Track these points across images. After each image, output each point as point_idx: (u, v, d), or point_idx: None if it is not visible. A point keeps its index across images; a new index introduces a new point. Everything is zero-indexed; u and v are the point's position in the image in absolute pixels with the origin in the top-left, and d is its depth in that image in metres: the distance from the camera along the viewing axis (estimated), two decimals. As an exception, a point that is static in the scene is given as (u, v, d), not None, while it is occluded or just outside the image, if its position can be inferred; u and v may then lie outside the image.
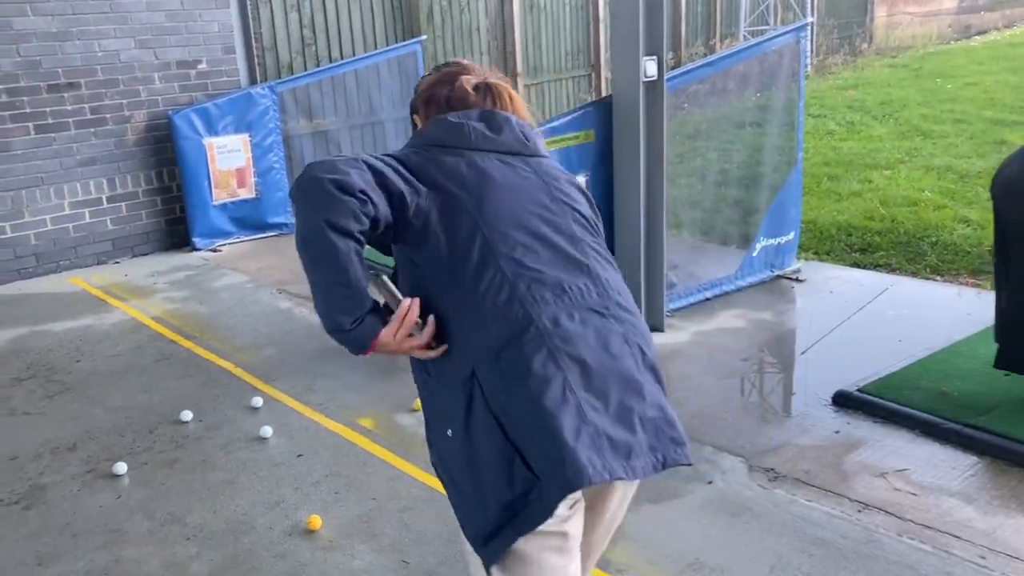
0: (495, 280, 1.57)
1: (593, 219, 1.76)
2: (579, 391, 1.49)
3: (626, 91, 4.11)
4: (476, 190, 1.63)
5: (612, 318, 1.61)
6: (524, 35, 9.91)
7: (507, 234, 1.61)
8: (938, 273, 5.07)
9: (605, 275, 1.66)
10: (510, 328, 1.54)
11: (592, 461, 1.44)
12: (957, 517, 2.72)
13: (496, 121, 1.73)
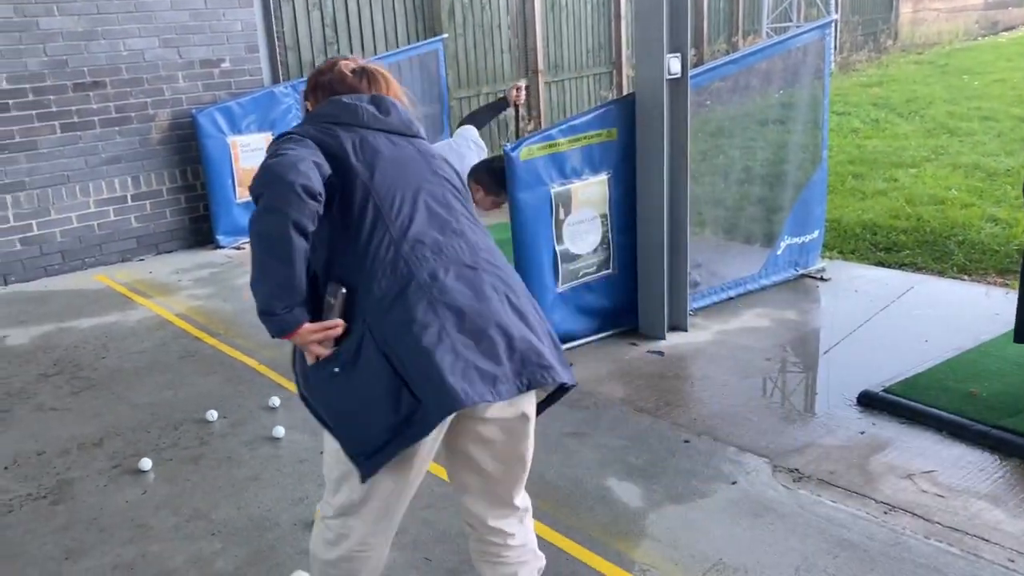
0: (384, 242, 1.84)
1: (463, 190, 2.06)
2: (453, 333, 1.79)
3: (649, 89, 4.09)
4: (368, 163, 1.89)
5: (482, 271, 1.90)
6: (545, 32, 9.89)
7: (393, 202, 1.88)
8: (965, 272, 5.01)
9: (475, 237, 1.95)
10: (397, 283, 1.81)
11: (464, 389, 1.74)
12: (986, 520, 2.69)
13: (385, 104, 1.99)
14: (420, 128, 2.05)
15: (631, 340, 4.35)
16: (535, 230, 4.05)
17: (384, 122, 1.96)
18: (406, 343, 1.77)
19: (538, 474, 3.13)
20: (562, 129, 4.07)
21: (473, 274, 1.88)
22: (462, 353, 1.78)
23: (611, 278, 4.40)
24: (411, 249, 1.84)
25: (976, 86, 10.89)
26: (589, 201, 4.22)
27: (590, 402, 3.70)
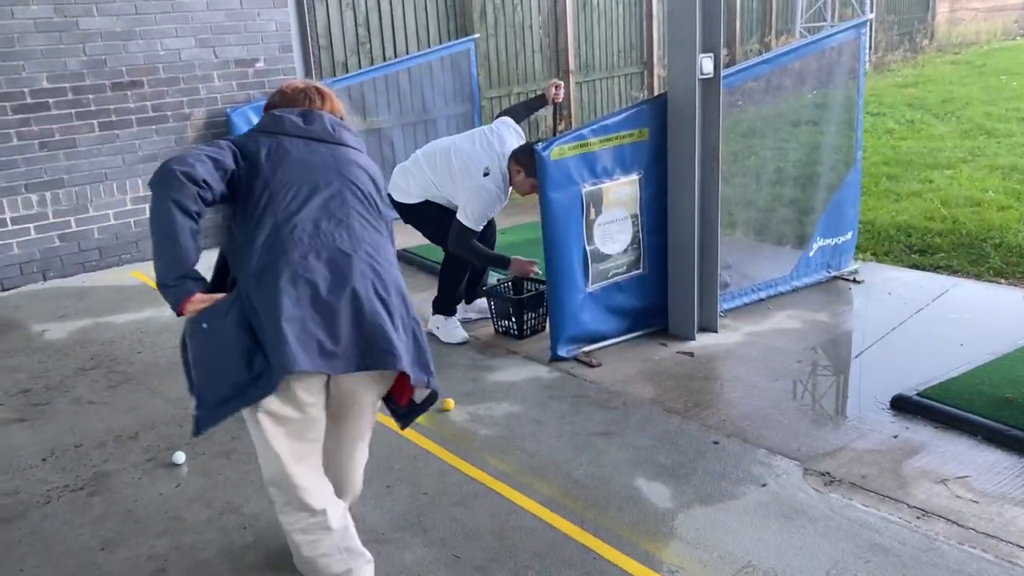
0: (266, 224, 2.16)
1: (373, 197, 2.31)
2: (307, 308, 2.07)
3: (682, 89, 4.07)
4: (275, 161, 2.22)
5: (357, 259, 2.16)
6: (576, 32, 9.87)
7: (287, 194, 2.18)
8: (1002, 276, 4.93)
9: (362, 232, 2.22)
10: (271, 258, 2.11)
11: (300, 356, 2.03)
12: (1021, 526, 2.65)
13: (312, 116, 2.33)
14: (346, 137, 2.36)
15: (661, 340, 4.34)
16: (566, 229, 4.05)
17: (305, 130, 2.30)
18: (265, 310, 2.06)
19: (566, 473, 3.14)
20: (594, 129, 4.07)
21: (345, 260, 2.15)
22: (308, 326, 2.05)
23: (641, 278, 4.39)
24: (290, 232, 2.15)
25: (1015, 87, 10.70)
26: (620, 201, 4.21)
27: (619, 402, 3.69)
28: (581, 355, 4.18)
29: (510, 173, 4.27)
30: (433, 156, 4.43)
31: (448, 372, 4.13)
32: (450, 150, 4.39)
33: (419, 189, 4.44)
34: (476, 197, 4.21)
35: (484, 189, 4.22)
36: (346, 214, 2.22)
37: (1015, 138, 7.97)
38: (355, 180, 2.29)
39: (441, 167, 4.37)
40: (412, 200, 4.47)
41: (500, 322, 4.54)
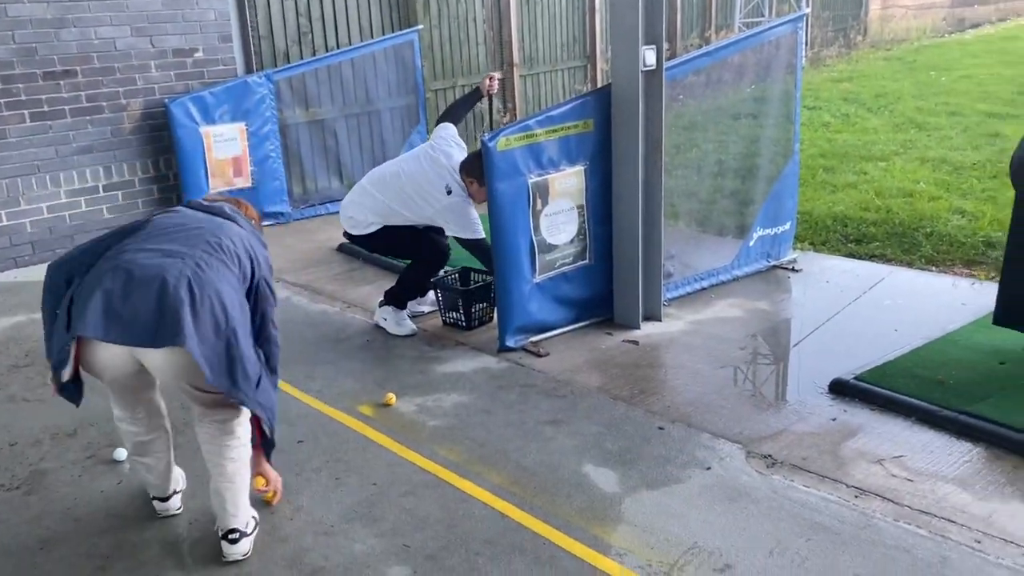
0: (113, 245, 2.61)
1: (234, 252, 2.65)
2: (116, 289, 2.43)
3: (625, 80, 4.12)
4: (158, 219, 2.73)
5: (182, 264, 2.50)
6: (520, 25, 9.89)
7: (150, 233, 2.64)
8: (933, 263, 5.11)
9: (204, 256, 2.56)
10: (105, 259, 2.56)
11: (96, 326, 2.41)
12: (953, 503, 2.76)
13: (216, 205, 2.86)
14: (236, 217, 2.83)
15: (607, 330, 4.39)
16: (512, 220, 4.06)
17: (203, 206, 2.84)
18: (84, 290, 2.48)
19: (515, 461, 3.17)
20: (539, 120, 4.09)
21: (164, 260, 2.50)
22: (113, 304, 2.41)
23: (588, 268, 4.43)
24: (130, 243, 2.58)
25: (943, 82, 11.06)
26: (566, 192, 4.24)
27: (567, 390, 3.73)
28: (529, 345, 4.20)
29: (465, 185, 4.30)
30: (383, 182, 4.44)
31: (396, 364, 4.12)
32: (399, 175, 4.41)
33: (375, 216, 4.43)
34: (452, 214, 4.27)
35: (455, 205, 4.28)
36: (193, 245, 2.58)
37: (944, 131, 8.25)
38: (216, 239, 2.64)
39: (394, 191, 4.39)
40: (369, 230, 4.47)
41: (448, 313, 4.54)
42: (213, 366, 2.46)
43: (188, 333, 2.41)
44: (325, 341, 4.46)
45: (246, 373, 2.54)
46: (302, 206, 7.28)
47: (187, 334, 2.40)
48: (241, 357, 2.53)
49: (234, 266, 2.61)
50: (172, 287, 2.43)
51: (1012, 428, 3.08)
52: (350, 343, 4.42)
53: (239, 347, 2.52)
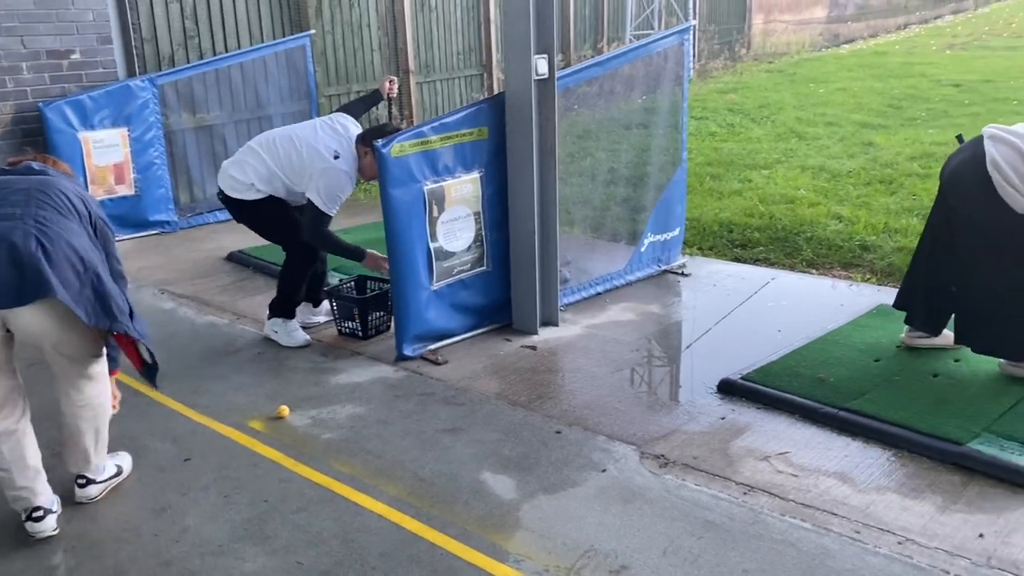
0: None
1: (64, 201, 2.73)
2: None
3: (518, 89, 4.15)
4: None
5: (23, 224, 2.56)
6: (415, 33, 9.85)
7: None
8: (813, 266, 5.35)
9: (40, 212, 2.63)
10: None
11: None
12: (834, 495, 2.88)
13: (23, 165, 2.89)
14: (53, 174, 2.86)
15: (505, 336, 4.40)
16: (408, 227, 4.03)
17: (10, 170, 2.85)
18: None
19: (412, 472, 3.13)
20: (434, 127, 4.07)
21: (2, 224, 2.54)
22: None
23: (485, 275, 4.44)
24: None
25: (821, 94, 11.63)
26: (462, 199, 4.23)
27: (465, 398, 3.71)
28: (427, 353, 4.17)
29: (358, 155, 4.17)
30: (272, 144, 4.25)
31: (289, 376, 4.01)
32: (291, 138, 4.23)
33: (257, 179, 4.23)
34: (326, 177, 4.09)
35: (335, 170, 4.10)
36: (25, 204, 2.62)
37: (822, 141, 8.66)
38: (46, 189, 2.72)
39: (284, 155, 4.20)
40: (250, 196, 4.26)
41: (344, 323, 4.45)
42: (87, 309, 2.61)
43: (54, 284, 2.51)
44: (214, 354, 4.31)
45: (120, 307, 2.71)
46: (189, 215, 7.03)
47: (54, 285, 2.51)
48: (110, 294, 2.69)
49: (71, 214, 2.71)
50: (22, 246, 2.50)
51: (887, 422, 3.24)
52: (240, 356, 4.28)
53: (105, 286, 2.68)
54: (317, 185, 4.10)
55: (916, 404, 3.35)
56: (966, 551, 2.55)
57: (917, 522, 2.70)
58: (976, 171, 3.40)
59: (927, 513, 2.75)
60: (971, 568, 2.47)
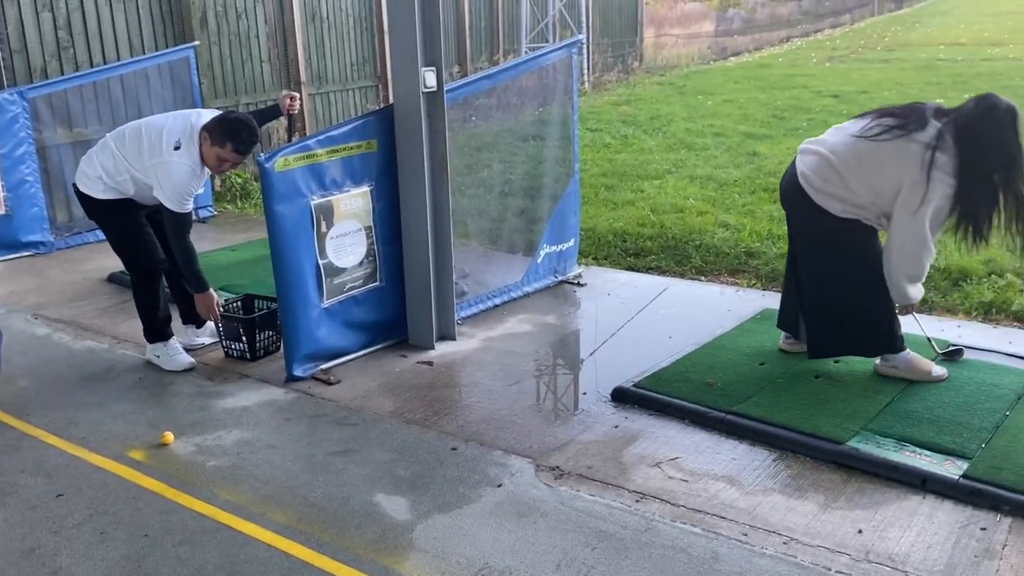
0: None
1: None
2: None
3: (407, 102, 4.11)
4: None
5: None
6: (306, 44, 9.67)
7: None
8: (702, 273, 5.49)
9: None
10: None
11: None
12: (723, 499, 2.94)
13: None
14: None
15: (401, 352, 4.34)
16: (295, 244, 3.92)
17: None
18: None
19: (302, 497, 3.03)
20: (320, 140, 3.98)
21: None
22: None
23: (379, 291, 4.36)
24: None
25: (709, 105, 12.02)
26: (352, 213, 4.16)
27: (358, 418, 3.63)
28: (319, 373, 4.07)
29: (199, 143, 3.93)
30: (122, 134, 4.03)
31: (172, 402, 3.84)
32: (141, 128, 4.01)
33: (107, 175, 3.99)
34: (164, 172, 3.86)
35: (172, 164, 3.86)
36: None
37: (710, 151, 8.94)
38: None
39: (130, 144, 3.97)
40: (98, 192, 4.03)
41: (231, 345, 4.29)
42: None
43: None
44: (91, 381, 4.09)
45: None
46: (67, 234, 6.67)
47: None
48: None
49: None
50: None
51: (771, 424, 3.34)
52: (120, 382, 4.08)
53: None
54: (160, 182, 3.87)
55: (799, 405, 3.47)
56: (846, 547, 2.64)
57: (801, 521, 2.78)
58: (793, 184, 3.65)
59: (810, 512, 2.83)
60: (851, 564, 2.56)
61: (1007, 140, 3.27)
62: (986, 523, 2.74)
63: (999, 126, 3.28)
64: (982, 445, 3.10)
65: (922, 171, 3.32)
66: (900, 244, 3.42)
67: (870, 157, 3.44)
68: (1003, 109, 3.29)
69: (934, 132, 3.35)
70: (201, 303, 4.13)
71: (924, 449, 3.11)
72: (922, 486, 2.93)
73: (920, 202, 3.33)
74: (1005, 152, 3.26)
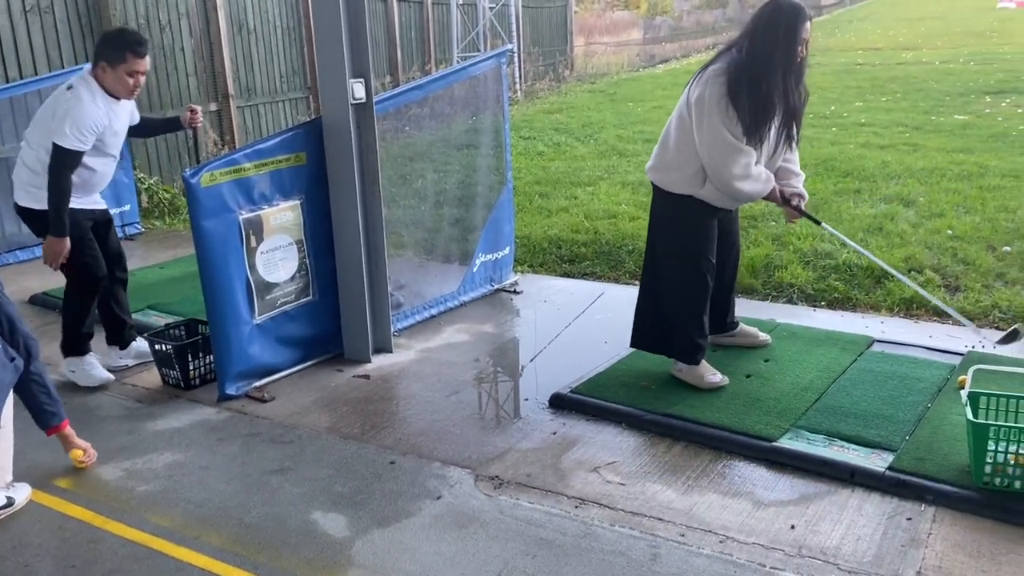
0: None
1: None
2: None
3: (336, 113, 4.07)
4: None
5: None
6: (233, 56, 9.52)
7: None
8: (635, 278, 5.55)
9: None
10: None
11: None
12: (660, 500, 2.98)
13: None
14: None
15: (337, 366, 4.29)
16: (224, 260, 3.85)
17: None
18: None
19: (237, 519, 2.97)
20: (247, 153, 3.92)
21: None
22: None
23: (313, 305, 4.31)
24: None
25: (639, 112, 12.21)
26: (283, 227, 4.10)
27: (294, 436, 3.58)
28: (253, 391, 3.99)
29: (97, 79, 3.81)
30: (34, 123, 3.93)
31: (99, 426, 3.72)
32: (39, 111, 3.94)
33: (25, 172, 3.89)
34: (64, 108, 3.71)
35: (70, 98, 3.72)
36: None
37: (641, 157, 9.06)
38: None
39: (34, 126, 3.87)
40: (25, 199, 3.92)
41: (165, 372, 4.13)
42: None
43: None
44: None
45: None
46: (-15, 255, 6.42)
47: None
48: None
49: None
50: None
51: (705, 424, 3.40)
52: (44, 408, 3.93)
53: None
54: (58, 119, 3.71)
55: (732, 405, 3.54)
56: (780, 543, 2.70)
57: (736, 519, 2.84)
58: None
59: (745, 510, 2.89)
60: (784, 559, 2.62)
61: (776, 37, 3.36)
62: (911, 513, 2.83)
63: (771, 24, 3.38)
64: (906, 437, 3.21)
65: (698, 84, 3.49)
66: (708, 153, 3.49)
67: (677, 112, 3.64)
68: (784, 10, 3.39)
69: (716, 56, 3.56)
70: (50, 246, 3.84)
71: (852, 443, 3.20)
72: (851, 479, 3.02)
73: (704, 111, 3.44)
74: (774, 48, 3.36)
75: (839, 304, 4.86)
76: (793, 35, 3.38)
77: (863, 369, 3.83)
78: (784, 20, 3.38)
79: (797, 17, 3.39)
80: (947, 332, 4.36)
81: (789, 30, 3.37)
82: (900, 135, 9.47)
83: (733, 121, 3.41)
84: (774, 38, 3.38)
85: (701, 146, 3.49)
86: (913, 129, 9.82)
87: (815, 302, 4.93)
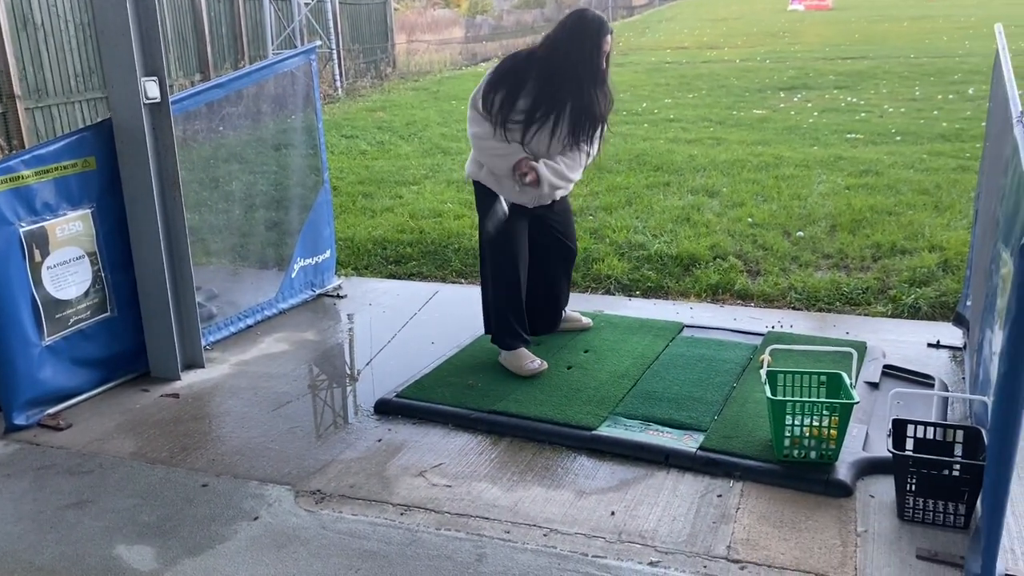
0: None
1: None
2: None
3: (127, 114, 3.78)
4: None
5: None
6: (18, 53, 8.72)
7: None
8: (463, 277, 5.56)
9: None
10: None
11: None
12: (485, 499, 2.97)
13: None
14: None
15: (142, 386, 4.00)
16: (4, 277, 3.48)
17: None
18: None
19: (27, 562, 2.69)
20: (25, 160, 3.56)
21: None
22: None
23: (111, 321, 3.99)
24: None
25: (463, 110, 12.21)
26: (72, 239, 3.76)
27: (94, 464, 3.29)
28: (46, 419, 3.64)
29: None
30: None
31: None
32: None
33: None
34: None
35: None
36: None
37: (464, 155, 9.05)
38: None
39: None
40: None
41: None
42: None
43: None
44: None
45: None
46: None
47: None
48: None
49: None
50: None
51: (529, 418, 3.43)
52: None
53: None
54: None
55: (554, 397, 3.59)
56: (601, 531, 2.76)
57: (559, 511, 2.87)
58: None
59: (567, 501, 2.93)
60: (606, 546, 2.68)
61: (576, 47, 3.58)
62: (721, 490, 2.97)
63: (571, 33, 3.61)
64: (714, 417, 3.38)
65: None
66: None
67: None
68: (587, 20, 3.62)
69: None
70: None
71: (666, 427, 3.33)
72: (666, 462, 3.14)
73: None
74: (578, 58, 3.58)
75: (652, 292, 5.07)
76: (595, 46, 3.55)
77: (674, 354, 4.00)
78: (587, 30, 3.54)
79: (599, 31, 3.58)
80: (749, 314, 4.64)
81: (590, 39, 3.57)
82: (705, 130, 10.04)
83: (488, 101, 3.80)
84: (577, 47, 3.51)
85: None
86: (717, 124, 10.44)
87: (630, 291, 5.12)
